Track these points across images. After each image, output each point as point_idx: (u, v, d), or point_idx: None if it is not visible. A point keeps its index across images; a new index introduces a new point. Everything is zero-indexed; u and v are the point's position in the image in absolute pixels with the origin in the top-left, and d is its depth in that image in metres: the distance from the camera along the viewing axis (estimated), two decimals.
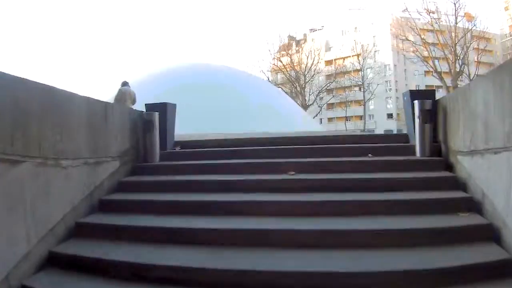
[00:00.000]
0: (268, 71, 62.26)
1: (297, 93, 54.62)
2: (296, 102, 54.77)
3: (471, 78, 49.52)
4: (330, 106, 68.08)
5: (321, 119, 67.75)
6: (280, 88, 60.91)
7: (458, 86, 44.01)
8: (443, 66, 44.38)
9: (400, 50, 50.85)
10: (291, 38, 62.61)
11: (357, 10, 77.70)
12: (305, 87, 55.08)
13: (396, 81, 72.31)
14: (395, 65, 71.60)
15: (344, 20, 73.63)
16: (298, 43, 64.03)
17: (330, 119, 74.74)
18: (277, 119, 19.39)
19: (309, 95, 55.52)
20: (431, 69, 45.89)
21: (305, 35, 70.01)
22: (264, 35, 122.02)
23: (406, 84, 73.60)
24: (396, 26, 48.74)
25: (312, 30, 77.97)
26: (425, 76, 69.61)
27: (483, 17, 46.56)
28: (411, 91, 7.53)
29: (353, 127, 65.82)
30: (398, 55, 67.30)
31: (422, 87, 74.46)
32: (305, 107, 52.82)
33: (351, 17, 74.19)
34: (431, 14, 43.06)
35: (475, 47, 46.61)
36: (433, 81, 62.07)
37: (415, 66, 58.42)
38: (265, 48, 59.86)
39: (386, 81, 69.12)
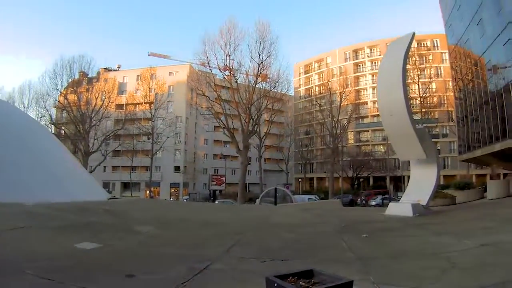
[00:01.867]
0: (53, 107, 54.61)
1: (80, 137, 48.34)
2: (79, 147, 48.76)
3: (261, 137, 51.80)
4: (116, 153, 63.52)
5: (105, 167, 61.94)
6: (63, 130, 54.02)
7: (249, 145, 44.62)
8: (235, 123, 44.02)
9: (194, 103, 49.63)
10: (83, 74, 56.12)
11: (158, 56, 76.74)
12: (89, 131, 49.32)
13: (186, 134, 71.82)
14: (187, 118, 71.40)
15: (142, 64, 71.25)
16: (90, 81, 57.95)
17: (115, 168, 69.61)
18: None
19: (94, 140, 49.94)
20: (222, 125, 44.14)
21: (99, 73, 64.37)
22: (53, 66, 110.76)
23: (195, 137, 74.35)
24: (194, 79, 47.25)
25: (107, 69, 72.91)
26: (214, 130, 71.52)
27: (283, 79, 46.95)
28: None
29: (138, 178, 61.92)
30: (191, 108, 67.46)
31: (211, 142, 77.15)
32: (88, 153, 47.04)
33: (150, 62, 72.29)
34: (229, 72, 42.34)
35: (269, 107, 47.87)
36: (222, 137, 63.96)
37: (206, 120, 58.75)
38: (53, 81, 51.05)
39: (177, 133, 67.79)
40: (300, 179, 78.34)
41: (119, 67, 79.26)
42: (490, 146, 28.63)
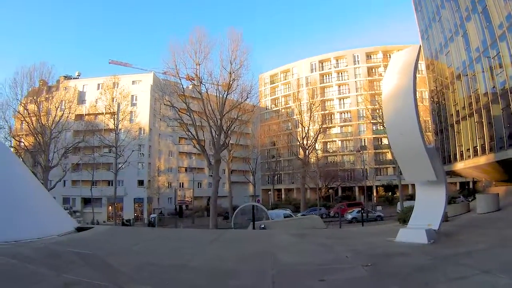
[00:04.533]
0: (12, 117, 50.41)
1: (40, 150, 44.77)
2: (38, 161, 45.20)
3: (230, 150, 50.04)
4: (76, 167, 60.11)
5: (65, 181, 57.07)
6: (22, 142, 49.80)
7: (221, 159, 42.61)
8: (204, 136, 42.10)
9: (159, 114, 46.45)
10: (43, 82, 52.09)
11: (119, 64, 74.25)
12: (50, 143, 45.82)
13: (150, 146, 68.96)
14: (150, 129, 68.45)
15: (101, 72, 68.24)
16: (49, 89, 54.24)
17: (74, 182, 65.39)
18: None
19: (53, 153, 46.17)
20: (190, 138, 41.25)
21: (58, 81, 60.73)
22: (13, 74, 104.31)
23: (159, 150, 71.48)
24: (159, 88, 44.05)
25: (67, 77, 69.58)
26: (179, 142, 69.18)
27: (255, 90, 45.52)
28: None
29: (99, 193, 58.32)
30: (155, 119, 64.92)
31: (175, 154, 74.47)
32: (47, 168, 43.53)
33: (110, 71, 69.44)
34: (198, 81, 40.26)
35: (238, 118, 44.74)
36: (187, 149, 61.74)
37: (171, 132, 56.17)
38: (13, 91, 46.79)
39: (140, 145, 64.55)
40: (268, 191, 77.21)
41: (79, 75, 75.61)
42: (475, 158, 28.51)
